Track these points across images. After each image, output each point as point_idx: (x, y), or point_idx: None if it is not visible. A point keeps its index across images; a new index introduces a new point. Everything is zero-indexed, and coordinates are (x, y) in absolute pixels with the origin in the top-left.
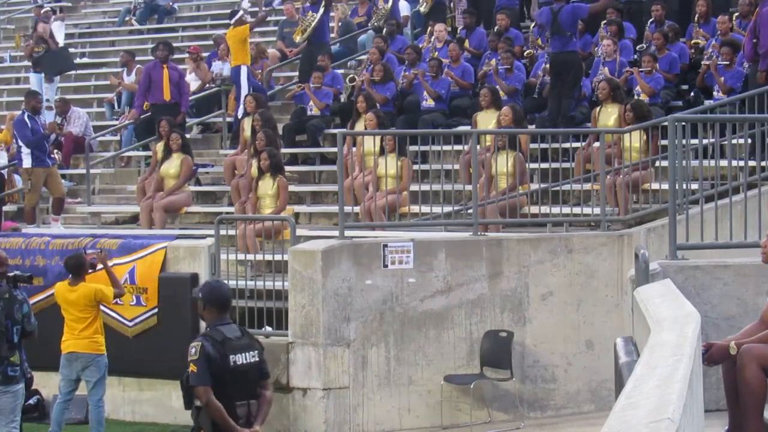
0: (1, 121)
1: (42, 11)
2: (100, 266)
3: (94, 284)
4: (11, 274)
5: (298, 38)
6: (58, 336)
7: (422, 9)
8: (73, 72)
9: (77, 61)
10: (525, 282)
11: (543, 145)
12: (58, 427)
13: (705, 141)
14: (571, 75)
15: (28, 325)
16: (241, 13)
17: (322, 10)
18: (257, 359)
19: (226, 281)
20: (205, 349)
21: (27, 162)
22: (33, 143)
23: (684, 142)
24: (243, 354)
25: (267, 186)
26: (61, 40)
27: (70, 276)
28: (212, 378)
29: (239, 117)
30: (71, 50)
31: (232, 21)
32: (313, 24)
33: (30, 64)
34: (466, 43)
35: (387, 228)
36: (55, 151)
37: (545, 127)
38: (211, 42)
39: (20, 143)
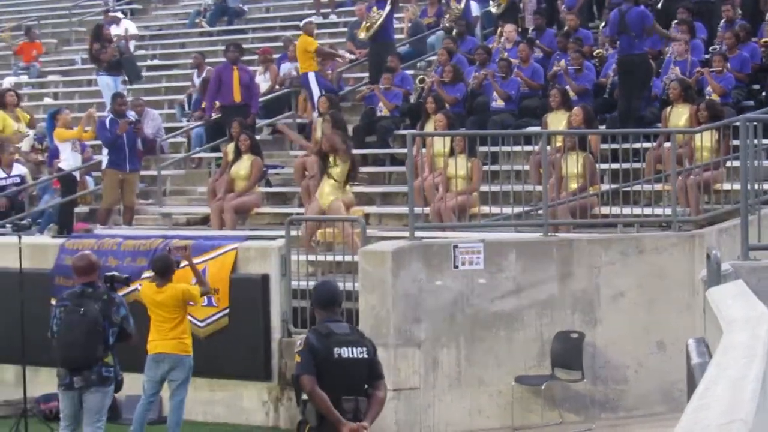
0: (75, 122)
1: (110, 15)
2: (184, 263)
3: (181, 285)
4: (109, 274)
5: (362, 35)
6: None
7: (494, 10)
8: (144, 74)
9: (148, 63)
10: (596, 282)
11: (613, 146)
12: (140, 427)
13: None
14: (640, 76)
15: (128, 326)
16: (311, 19)
17: (388, 7)
18: (366, 356)
19: (296, 282)
20: (309, 341)
21: (103, 163)
22: (107, 145)
23: (756, 141)
24: (349, 348)
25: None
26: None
27: (157, 277)
28: (317, 369)
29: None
30: (142, 52)
31: (301, 24)
32: (379, 21)
33: (96, 66)
34: (538, 43)
35: (457, 229)
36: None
37: (615, 127)
38: (281, 44)
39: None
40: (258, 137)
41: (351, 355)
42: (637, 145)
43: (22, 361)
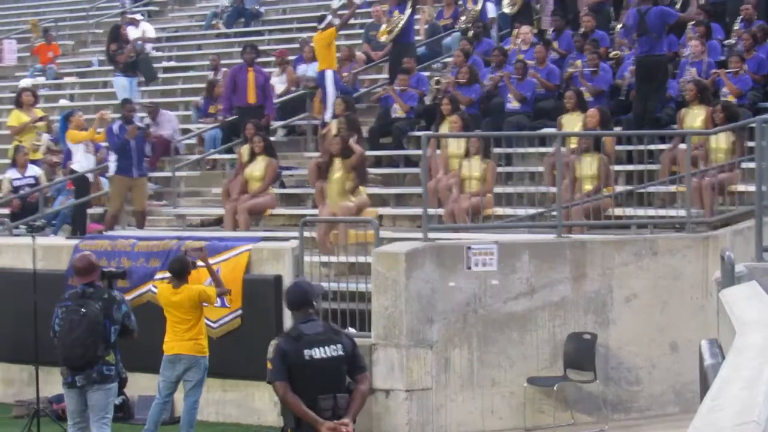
0: (89, 124)
1: (128, 16)
2: (200, 264)
3: (197, 286)
4: (106, 270)
5: (383, 38)
6: (143, 337)
7: (508, 10)
8: (160, 75)
9: (164, 64)
10: (609, 284)
11: (628, 147)
12: (154, 426)
13: None
14: (658, 77)
15: (130, 323)
16: (329, 18)
17: (409, 10)
18: (341, 354)
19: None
20: (279, 347)
21: (111, 169)
22: (116, 150)
23: None
24: (321, 348)
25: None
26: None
27: (173, 278)
28: (289, 372)
29: (326, 120)
30: (159, 54)
31: (321, 25)
32: (401, 24)
33: (112, 67)
34: (555, 45)
35: (471, 230)
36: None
37: (630, 129)
38: (297, 45)
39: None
40: (273, 139)
41: (324, 355)
42: (652, 147)
43: (35, 362)
